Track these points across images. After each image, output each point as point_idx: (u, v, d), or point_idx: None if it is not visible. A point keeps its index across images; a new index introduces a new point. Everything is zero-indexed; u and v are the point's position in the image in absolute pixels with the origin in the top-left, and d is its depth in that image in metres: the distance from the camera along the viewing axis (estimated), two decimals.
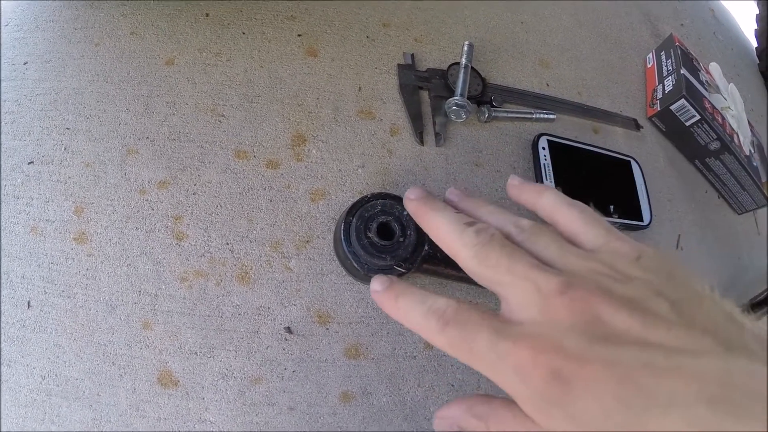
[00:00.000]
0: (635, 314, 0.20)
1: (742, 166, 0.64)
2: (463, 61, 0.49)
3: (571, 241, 0.26)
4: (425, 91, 0.49)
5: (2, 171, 0.42)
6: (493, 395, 0.24)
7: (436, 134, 0.46)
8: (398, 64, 0.50)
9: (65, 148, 0.43)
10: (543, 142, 0.50)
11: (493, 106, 0.49)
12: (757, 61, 1.15)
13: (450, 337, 0.22)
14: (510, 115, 0.50)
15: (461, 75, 0.48)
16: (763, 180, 0.67)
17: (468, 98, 0.47)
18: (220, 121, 0.44)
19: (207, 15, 0.50)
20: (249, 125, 0.45)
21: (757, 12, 1.12)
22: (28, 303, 0.38)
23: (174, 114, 0.44)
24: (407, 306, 0.25)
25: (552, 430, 0.20)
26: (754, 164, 0.67)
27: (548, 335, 0.20)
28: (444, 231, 0.27)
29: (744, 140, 0.66)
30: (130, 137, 0.43)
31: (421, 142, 0.46)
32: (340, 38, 0.51)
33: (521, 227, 0.27)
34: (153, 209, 0.41)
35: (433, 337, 0.23)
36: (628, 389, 0.18)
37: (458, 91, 0.47)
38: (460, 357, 0.22)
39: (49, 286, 0.38)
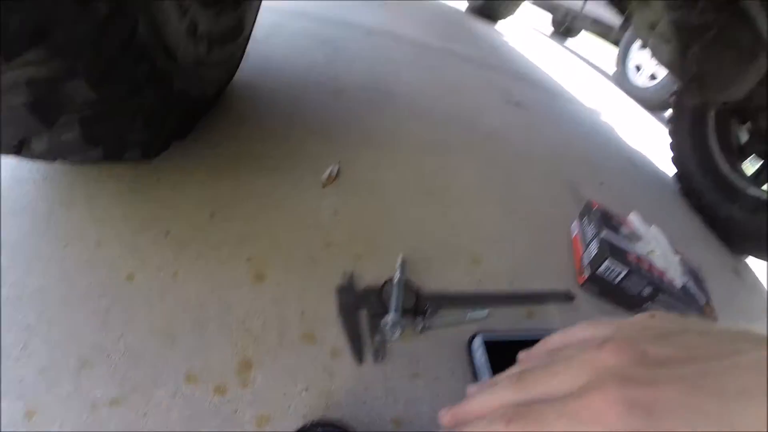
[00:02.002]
0: (673, 343, 0.23)
1: (678, 300, 0.69)
2: (397, 276, 0.54)
3: None
4: (364, 309, 0.53)
5: None
6: None
7: (375, 351, 0.50)
8: (337, 287, 0.55)
9: (23, 347, 0.44)
10: (477, 342, 0.54)
11: (426, 317, 0.54)
12: (678, 186, 1.31)
13: (518, 425, 0.24)
14: (444, 320, 0.55)
15: (395, 292, 0.53)
16: (702, 303, 0.71)
17: (403, 311, 0.52)
18: (173, 343, 0.47)
19: (168, 233, 0.56)
20: (199, 350, 0.48)
21: (671, 141, 1.30)
22: None
23: (130, 332, 0.47)
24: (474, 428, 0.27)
25: None
26: (691, 293, 0.72)
27: (610, 377, 0.22)
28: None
29: (675, 274, 0.72)
30: (86, 348, 0.45)
31: (360, 360, 0.49)
32: (286, 260, 0.57)
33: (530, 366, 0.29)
34: (103, 427, 0.41)
35: None
36: (704, 398, 0.19)
37: (392, 307, 0.52)
38: None
39: None
